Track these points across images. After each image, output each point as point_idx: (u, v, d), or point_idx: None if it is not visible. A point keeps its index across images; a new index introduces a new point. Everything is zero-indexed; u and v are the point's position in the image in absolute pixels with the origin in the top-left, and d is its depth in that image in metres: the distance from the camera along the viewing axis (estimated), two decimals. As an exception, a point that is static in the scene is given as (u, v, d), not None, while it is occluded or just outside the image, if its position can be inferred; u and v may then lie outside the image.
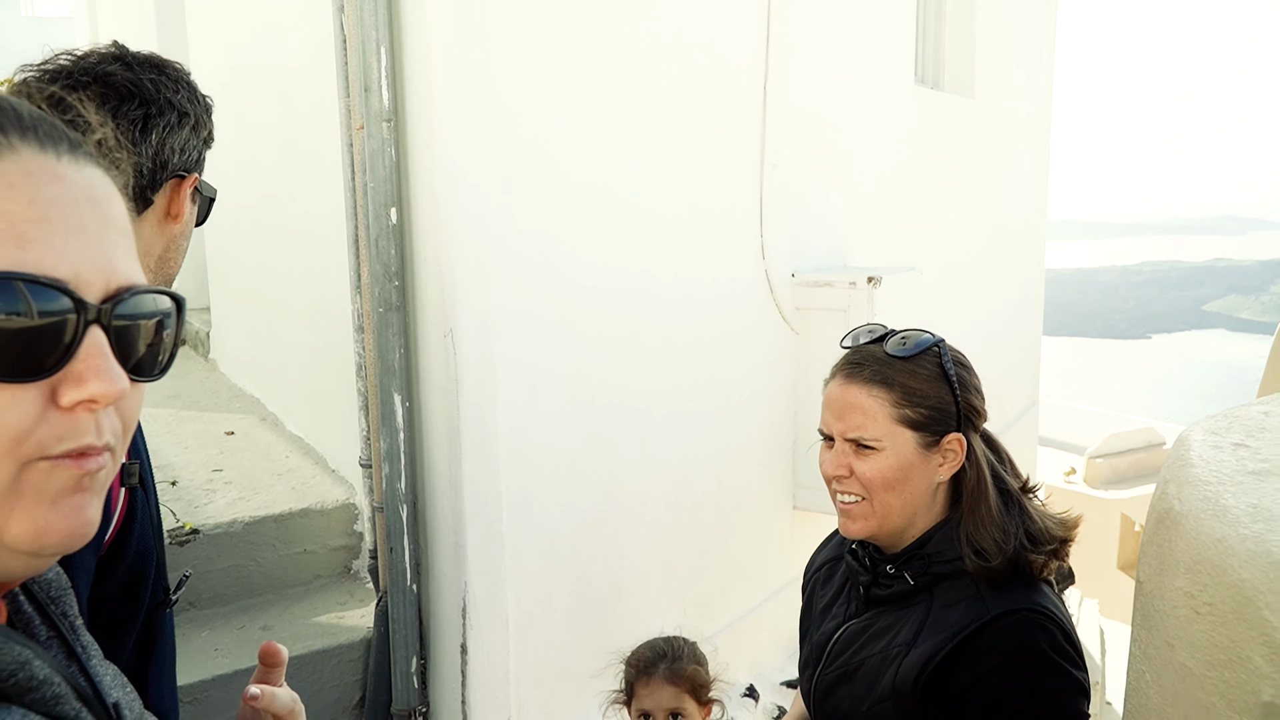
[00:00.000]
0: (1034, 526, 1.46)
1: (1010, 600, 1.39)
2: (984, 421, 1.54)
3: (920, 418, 1.47)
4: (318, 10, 2.81)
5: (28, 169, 0.60)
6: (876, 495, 1.49)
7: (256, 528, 2.95)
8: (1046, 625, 1.37)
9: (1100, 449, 9.06)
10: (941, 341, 1.54)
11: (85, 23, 6.71)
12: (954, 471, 1.49)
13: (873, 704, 1.44)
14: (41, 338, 0.58)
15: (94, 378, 0.60)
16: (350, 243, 2.68)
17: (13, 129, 0.61)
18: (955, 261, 4.79)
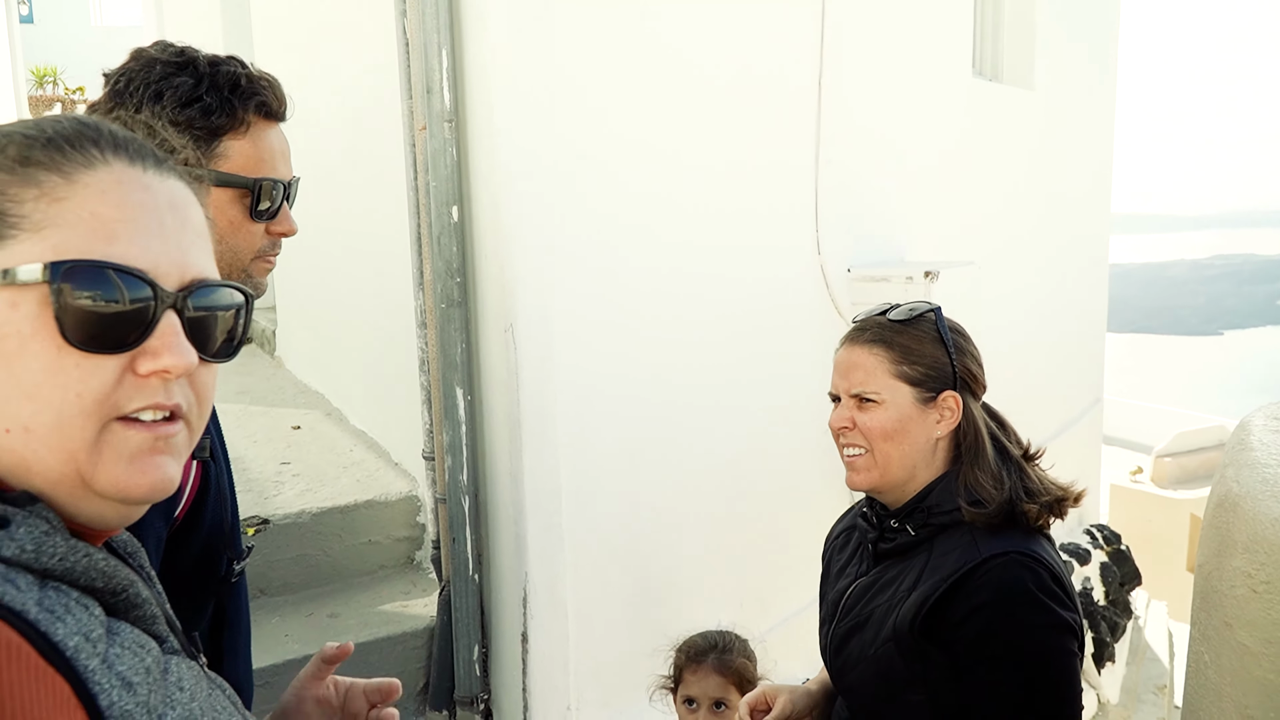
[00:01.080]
0: (1031, 483, 1.57)
1: (1001, 544, 1.49)
2: (983, 390, 1.67)
3: (917, 375, 1.60)
4: (381, 15, 2.88)
5: (118, 179, 0.74)
6: (877, 446, 1.61)
7: (323, 519, 3.04)
8: (1034, 567, 1.46)
9: (1168, 448, 8.87)
10: (938, 309, 1.66)
11: (154, 31, 6.90)
12: (951, 428, 1.61)
13: (877, 648, 1.54)
14: (124, 317, 0.71)
15: (167, 352, 0.72)
16: (413, 241, 2.75)
17: (106, 146, 0.75)
18: (1015, 256, 4.74)
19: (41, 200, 0.70)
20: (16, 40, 12.94)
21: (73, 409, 0.69)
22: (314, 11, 3.88)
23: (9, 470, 0.70)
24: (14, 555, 0.65)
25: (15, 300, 0.68)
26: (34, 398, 0.69)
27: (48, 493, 0.71)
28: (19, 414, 0.69)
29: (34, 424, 0.69)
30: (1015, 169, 4.76)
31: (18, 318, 0.68)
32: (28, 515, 0.67)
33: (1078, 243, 5.71)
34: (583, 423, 2.61)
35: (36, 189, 0.70)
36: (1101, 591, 5.73)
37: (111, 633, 0.69)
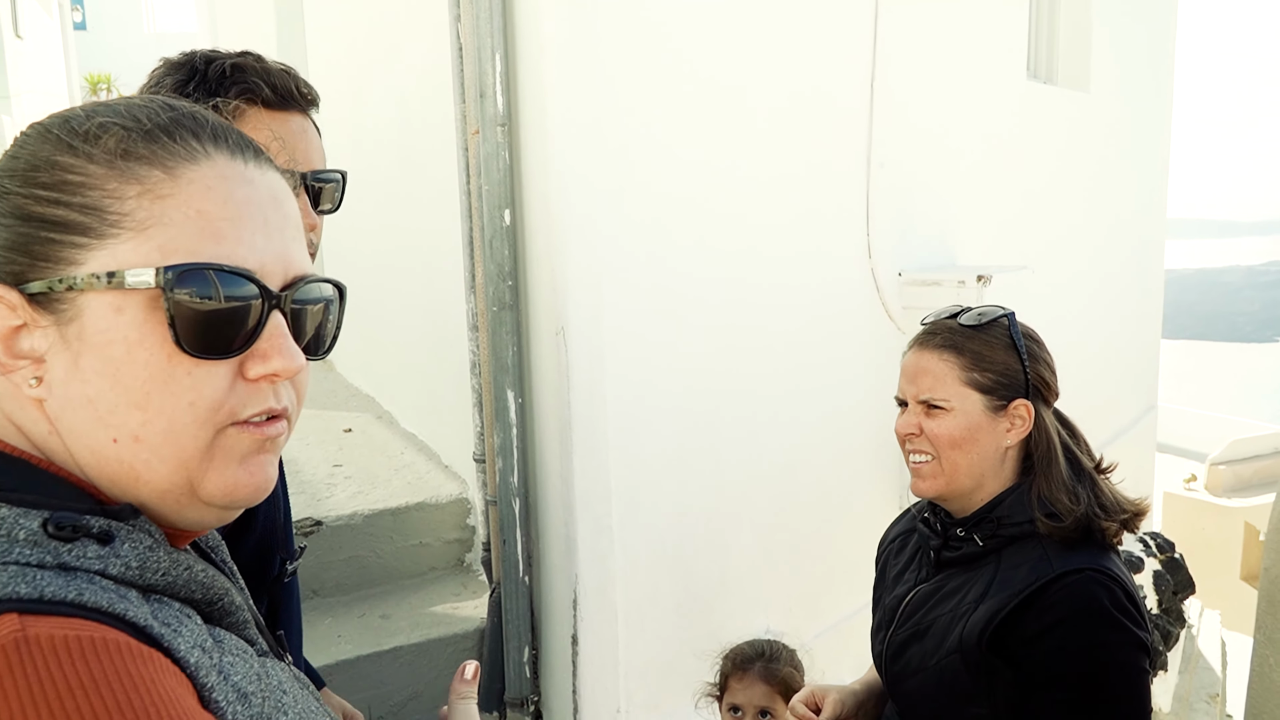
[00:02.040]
0: (1105, 498, 1.53)
1: (1075, 560, 1.46)
2: (1055, 398, 1.62)
3: (988, 382, 1.56)
4: (434, 20, 2.91)
5: (222, 173, 0.70)
6: (944, 454, 1.57)
7: (375, 520, 3.07)
8: (1109, 585, 1.43)
9: (1223, 455, 8.70)
10: (1012, 314, 1.62)
11: (207, 38, 7.01)
12: (1021, 437, 1.57)
13: (941, 658, 1.51)
14: (234, 320, 0.67)
15: (276, 355, 0.70)
16: (465, 244, 2.77)
17: (207, 139, 0.71)
18: (1069, 261, 4.68)
19: (145, 197, 0.66)
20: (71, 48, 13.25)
21: (186, 417, 0.67)
22: (368, 17, 3.93)
23: (114, 479, 0.68)
24: (120, 573, 0.63)
25: (120, 305, 0.65)
26: (144, 407, 0.66)
27: (153, 501, 0.69)
28: (126, 423, 0.66)
29: (144, 433, 0.66)
30: (1069, 172, 4.70)
31: (124, 323, 0.65)
32: (131, 530, 0.66)
33: (1133, 247, 5.61)
34: (633, 426, 2.61)
35: (138, 185, 0.66)
36: (1155, 600, 5.63)
37: (217, 641, 0.68)
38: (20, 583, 0.59)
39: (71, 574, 0.61)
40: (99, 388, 0.66)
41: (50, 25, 11.60)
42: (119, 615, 0.60)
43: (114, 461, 0.67)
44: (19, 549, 0.60)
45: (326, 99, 1.45)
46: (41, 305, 0.66)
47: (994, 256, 3.95)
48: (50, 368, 0.66)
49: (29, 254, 0.66)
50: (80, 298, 0.65)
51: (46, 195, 0.66)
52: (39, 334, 0.66)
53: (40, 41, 10.53)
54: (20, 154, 0.68)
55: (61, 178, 0.66)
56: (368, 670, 2.67)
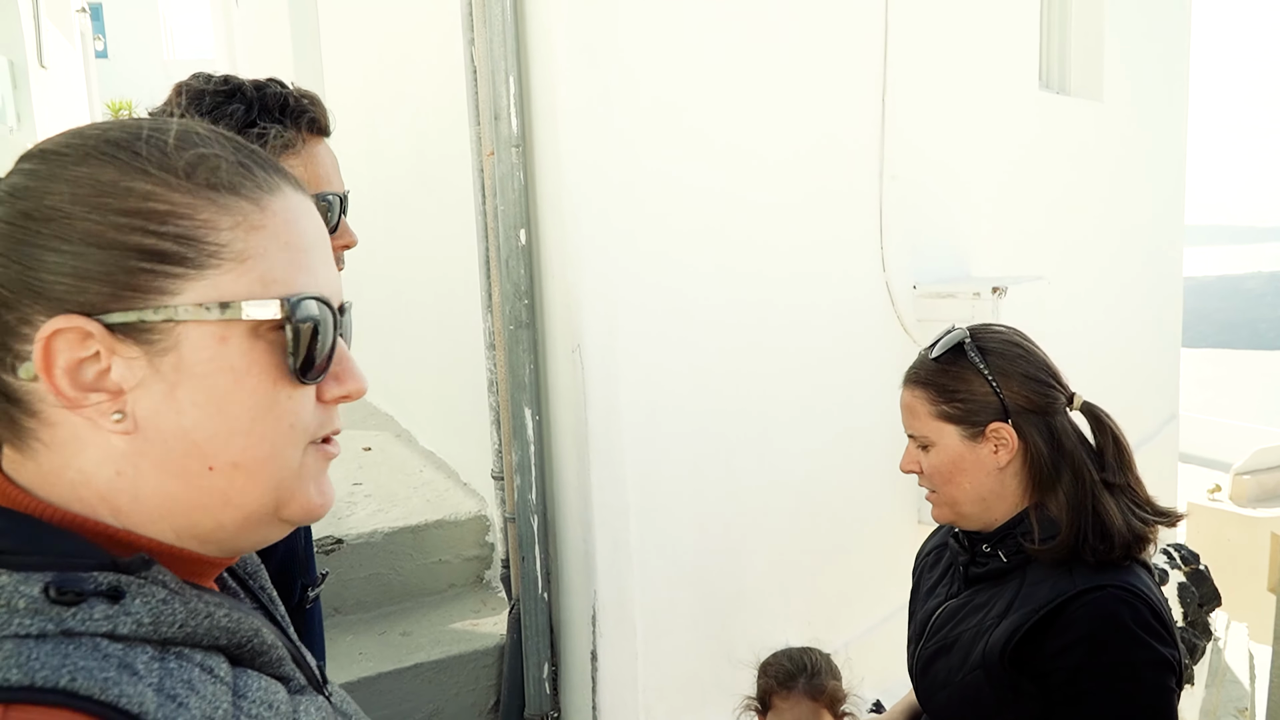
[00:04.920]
0: (1108, 518, 1.48)
1: (1098, 577, 1.44)
2: (1050, 404, 1.55)
3: (957, 412, 1.55)
4: (449, 43, 2.95)
5: (295, 205, 0.72)
6: (940, 487, 1.59)
7: (395, 538, 3.09)
8: (1131, 601, 1.41)
9: (1247, 465, 8.61)
10: (969, 337, 1.59)
11: (225, 64, 7.09)
12: (1011, 457, 1.54)
13: (966, 673, 1.50)
14: (325, 347, 0.71)
15: (349, 378, 0.75)
16: (481, 263, 2.80)
17: (273, 171, 0.72)
18: (1086, 271, 4.67)
19: (239, 229, 0.67)
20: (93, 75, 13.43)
21: (285, 440, 0.69)
22: (383, 41, 3.98)
23: (199, 507, 0.68)
24: (132, 631, 0.61)
25: (225, 335, 0.66)
26: (248, 433, 0.67)
27: (237, 526, 0.70)
28: (226, 450, 0.67)
29: (244, 459, 0.67)
30: (1084, 182, 4.70)
31: (230, 352, 0.66)
32: (143, 584, 0.63)
33: (1151, 256, 5.60)
34: (650, 441, 2.62)
35: (231, 217, 0.67)
36: (1180, 613, 5.58)
37: (239, 695, 0.65)
38: (12, 666, 0.56)
39: (75, 641, 0.58)
40: (197, 418, 0.66)
41: (73, 54, 11.78)
42: (111, 704, 0.57)
43: (205, 490, 0.67)
44: (18, 620, 0.58)
45: (342, 122, 1.47)
46: (127, 335, 0.64)
47: (1009, 268, 3.95)
48: (137, 400, 0.65)
49: (111, 283, 0.64)
50: (179, 329, 0.65)
51: (127, 223, 0.64)
52: (122, 365, 0.64)
53: (63, 70, 10.69)
54: (67, 174, 0.65)
55: (143, 205, 0.65)
56: (389, 687, 2.68)
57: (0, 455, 0.68)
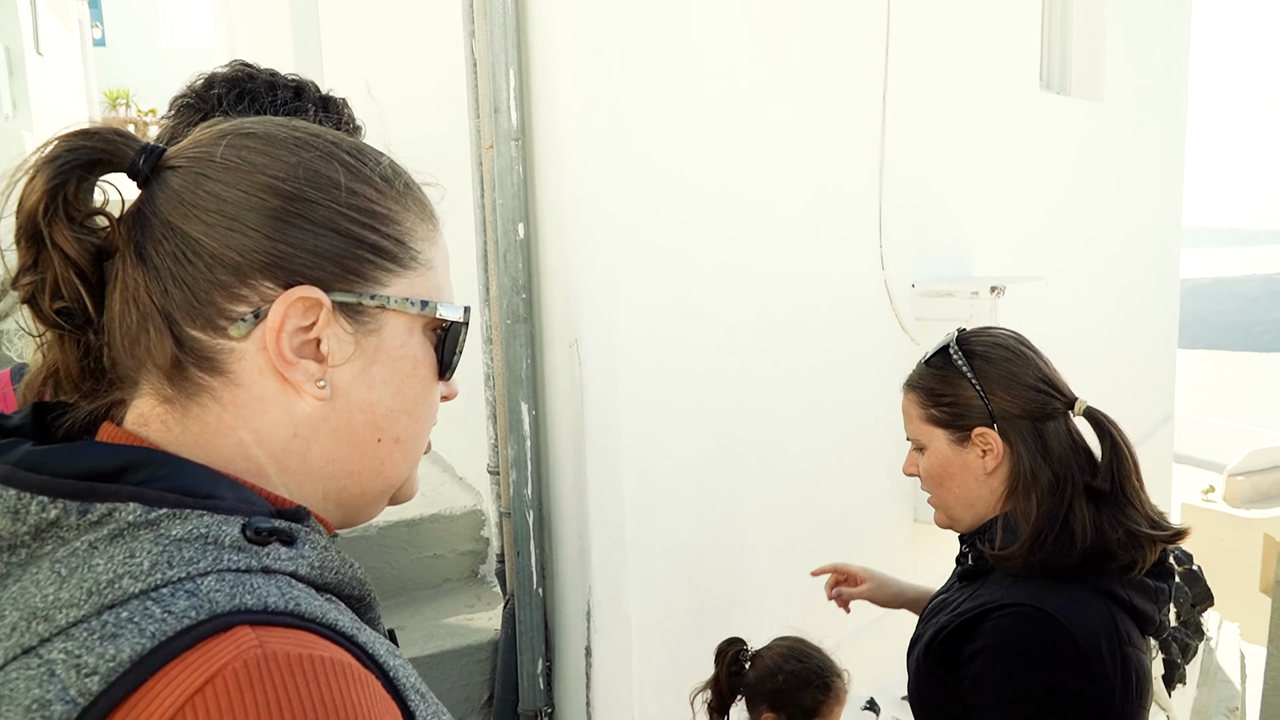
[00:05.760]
0: (1076, 529, 1.44)
1: (1026, 593, 1.43)
2: (1038, 410, 1.52)
3: (944, 416, 1.57)
4: (449, 35, 2.93)
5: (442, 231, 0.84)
6: (933, 490, 1.62)
7: (390, 532, 3.08)
8: (1044, 624, 1.38)
9: (1241, 466, 8.65)
10: (956, 341, 1.59)
11: (224, 54, 7.06)
12: (998, 462, 1.53)
13: (916, 665, 1.57)
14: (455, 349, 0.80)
15: (454, 382, 0.83)
16: (479, 257, 2.79)
17: (430, 202, 0.83)
18: (1084, 271, 4.67)
19: (427, 241, 0.79)
20: (90, 63, 13.37)
21: (428, 425, 0.80)
22: (383, 33, 3.96)
23: (354, 474, 0.76)
24: (307, 573, 0.66)
25: (412, 327, 0.76)
26: (412, 414, 0.77)
27: (374, 496, 0.79)
28: (394, 426, 0.76)
29: (405, 435, 0.77)
30: (1083, 182, 4.70)
31: (414, 343, 0.77)
32: (309, 531, 0.69)
33: (1149, 257, 5.60)
34: (647, 438, 2.62)
35: (424, 228, 0.79)
36: (1173, 613, 5.59)
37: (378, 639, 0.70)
38: (244, 592, 0.60)
39: (274, 577, 0.64)
40: (382, 394, 0.75)
41: (70, 42, 11.73)
42: (332, 625, 0.63)
43: (368, 458, 0.76)
44: (228, 555, 0.62)
45: (342, 114, 1.47)
46: (344, 313, 0.72)
47: (1008, 267, 3.95)
48: (338, 371, 0.73)
49: (341, 266, 0.72)
50: (384, 314, 0.74)
51: (359, 218, 0.73)
52: (334, 337, 0.72)
53: (61, 58, 10.64)
54: (299, 162, 0.72)
55: (371, 207, 0.75)
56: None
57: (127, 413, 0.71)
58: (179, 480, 0.66)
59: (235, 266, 0.69)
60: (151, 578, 0.59)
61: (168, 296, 0.68)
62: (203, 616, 0.58)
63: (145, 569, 0.59)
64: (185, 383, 0.70)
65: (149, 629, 0.56)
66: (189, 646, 0.56)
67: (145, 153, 0.70)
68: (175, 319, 0.69)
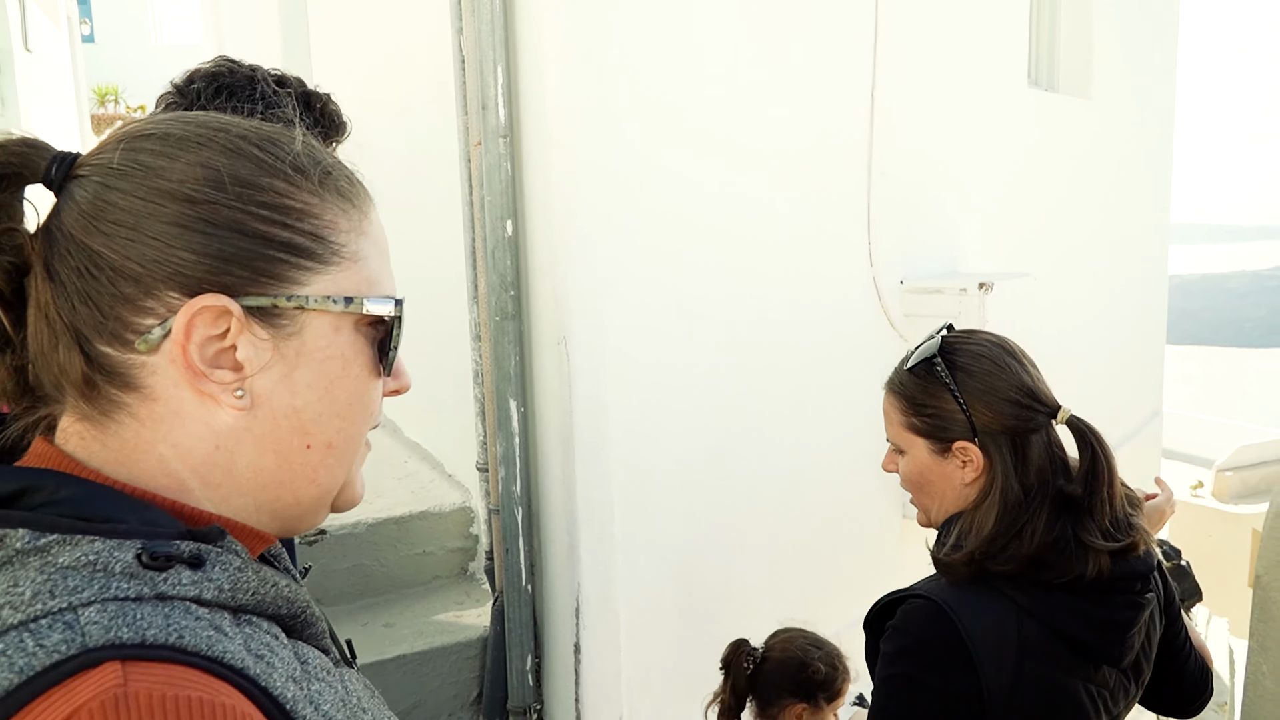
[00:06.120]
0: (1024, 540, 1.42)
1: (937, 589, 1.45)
2: (1022, 424, 1.48)
3: (925, 425, 1.54)
4: (437, 32, 2.93)
5: (378, 216, 0.81)
6: (912, 493, 1.61)
7: (379, 529, 3.08)
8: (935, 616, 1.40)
9: (1230, 461, 8.67)
10: (941, 348, 1.54)
11: (213, 51, 7.02)
12: (977, 474, 1.50)
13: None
14: (390, 343, 0.77)
15: (403, 373, 0.80)
16: (468, 254, 2.79)
17: (360, 188, 0.79)
18: (1072, 267, 4.68)
19: (353, 233, 0.75)
20: (79, 60, 13.31)
21: (365, 426, 0.77)
22: (372, 29, 3.95)
23: (285, 483, 0.73)
24: (214, 597, 0.64)
25: (339, 325, 0.72)
26: (344, 416, 0.74)
27: (309, 503, 0.75)
28: (325, 431, 0.73)
29: (338, 439, 0.74)
30: (1071, 179, 4.71)
31: (341, 342, 0.73)
32: (220, 552, 0.66)
33: (1136, 253, 5.61)
34: (636, 435, 2.62)
35: (348, 220, 0.75)
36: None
37: (302, 662, 0.68)
38: (122, 625, 0.58)
39: (170, 604, 0.61)
40: (307, 398, 0.71)
41: (59, 38, 11.67)
42: (218, 659, 0.60)
43: (298, 466, 0.73)
44: (116, 582, 0.60)
45: (328, 112, 1.47)
46: (258, 318, 0.69)
47: (996, 264, 3.95)
48: (257, 378, 0.70)
49: (250, 269, 0.68)
50: (304, 315, 0.70)
51: (269, 215, 0.69)
52: (248, 344, 0.69)
53: (49, 54, 10.59)
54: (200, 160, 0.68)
55: (281, 202, 0.70)
56: (371, 678, 2.66)
57: (56, 429, 0.70)
58: (77, 503, 0.64)
59: (137, 278, 0.66)
60: (32, 608, 0.57)
61: (75, 313, 0.66)
62: (73, 651, 0.56)
63: (26, 599, 0.58)
64: (101, 400, 0.68)
65: (18, 663, 0.55)
66: (56, 683, 0.54)
67: (57, 162, 0.68)
68: (85, 335, 0.66)
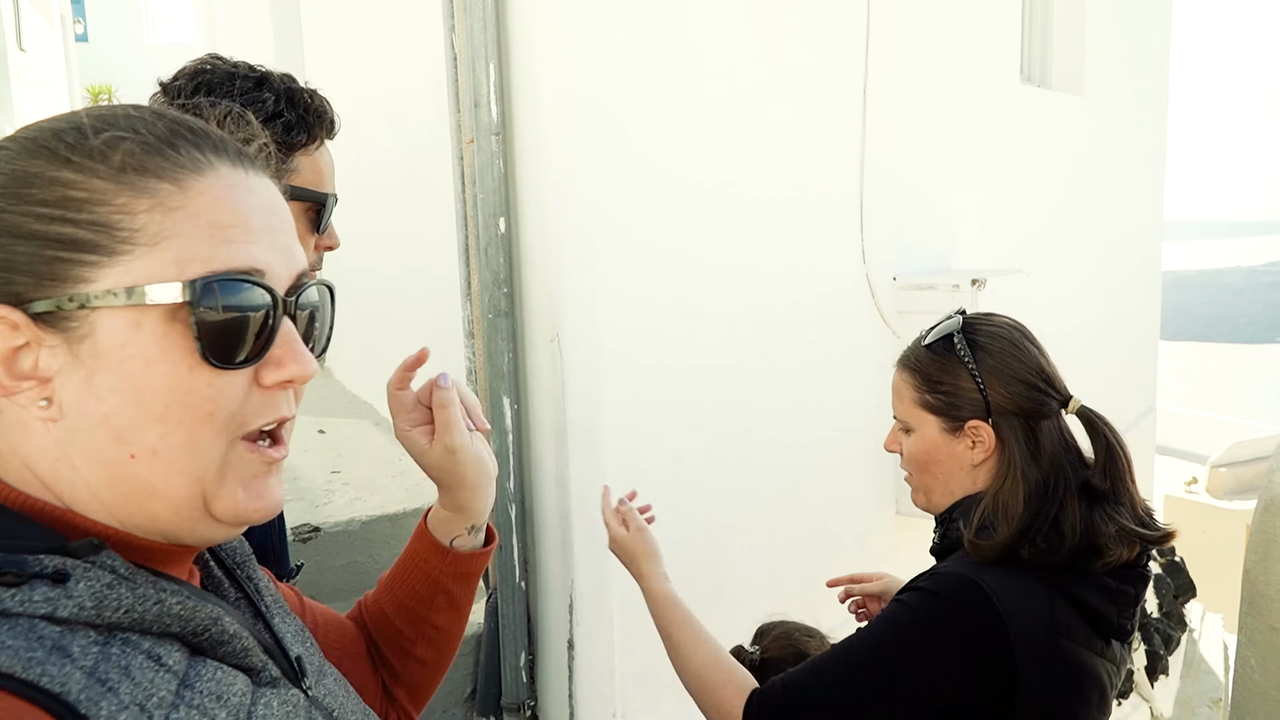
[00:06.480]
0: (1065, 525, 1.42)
1: (967, 567, 1.43)
2: (1034, 407, 1.49)
3: (939, 403, 1.54)
4: (430, 30, 2.93)
5: (228, 182, 0.70)
6: (915, 473, 1.60)
7: (373, 526, 3.07)
8: (970, 589, 1.38)
9: (1224, 458, 8.70)
10: (961, 328, 1.55)
11: (205, 49, 7.00)
12: (987, 455, 1.51)
13: None
14: (248, 328, 0.68)
15: (291, 361, 0.71)
16: (460, 252, 2.78)
17: (206, 146, 0.71)
18: (1065, 263, 4.69)
19: (155, 211, 0.66)
20: (72, 59, 13.29)
21: (205, 429, 0.67)
22: (364, 27, 3.95)
23: (129, 497, 0.68)
24: (72, 614, 0.61)
25: (138, 320, 0.65)
26: (163, 420, 0.66)
27: (168, 517, 0.69)
28: (144, 438, 0.66)
29: (162, 446, 0.66)
30: (1064, 175, 4.72)
31: (143, 338, 0.65)
32: (89, 568, 0.63)
33: (1129, 249, 5.63)
34: (629, 432, 2.62)
35: (149, 199, 0.66)
36: (1155, 604, 5.63)
37: (186, 684, 0.65)
38: None
39: (10, 622, 0.59)
40: (115, 404, 0.65)
41: (52, 37, 11.65)
42: (31, 682, 0.57)
43: (130, 478, 0.67)
44: None
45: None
46: (48, 324, 0.65)
47: (989, 260, 3.96)
48: (60, 387, 0.65)
49: (32, 273, 0.64)
50: (93, 315, 0.65)
51: (47, 213, 0.65)
52: (46, 353, 0.65)
53: (42, 53, 10.58)
54: (3, 169, 0.66)
55: (63, 194, 0.65)
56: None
57: None
58: None
59: None
60: None
61: None
62: None
63: None
64: None
65: None
66: None
67: None
68: None
